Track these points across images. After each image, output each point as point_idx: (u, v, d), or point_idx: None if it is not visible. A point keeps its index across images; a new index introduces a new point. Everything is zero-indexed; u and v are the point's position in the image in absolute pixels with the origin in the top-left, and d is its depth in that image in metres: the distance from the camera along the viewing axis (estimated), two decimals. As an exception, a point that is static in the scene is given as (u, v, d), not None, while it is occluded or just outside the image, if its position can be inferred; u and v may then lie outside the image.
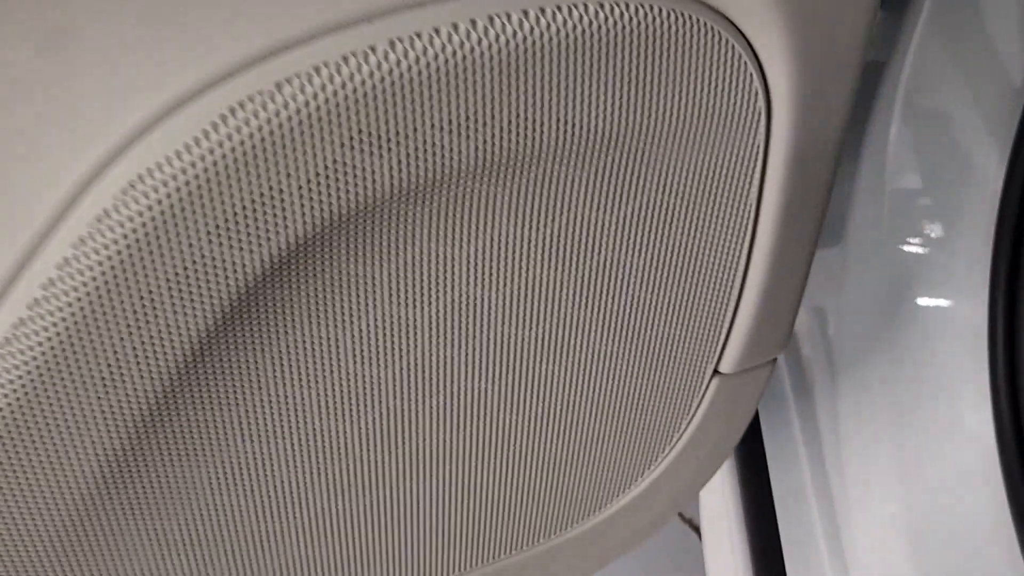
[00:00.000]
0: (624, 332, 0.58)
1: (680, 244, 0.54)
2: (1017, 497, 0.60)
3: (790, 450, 0.86)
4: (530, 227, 0.50)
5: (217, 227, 0.41)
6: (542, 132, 0.45)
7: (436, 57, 0.40)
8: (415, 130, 0.42)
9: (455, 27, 0.40)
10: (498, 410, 0.58)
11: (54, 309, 0.40)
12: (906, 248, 0.72)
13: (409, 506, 0.60)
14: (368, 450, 0.56)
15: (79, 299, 0.40)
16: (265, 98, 0.38)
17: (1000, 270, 0.62)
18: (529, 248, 0.51)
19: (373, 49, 0.39)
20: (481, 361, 0.55)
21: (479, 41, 0.40)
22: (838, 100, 0.51)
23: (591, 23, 0.42)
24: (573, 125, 0.45)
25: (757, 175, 0.52)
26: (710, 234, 0.55)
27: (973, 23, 0.69)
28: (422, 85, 0.40)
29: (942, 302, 0.70)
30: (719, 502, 0.93)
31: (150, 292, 0.42)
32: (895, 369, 0.72)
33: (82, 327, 0.41)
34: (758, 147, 0.51)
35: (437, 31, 0.40)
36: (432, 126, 0.42)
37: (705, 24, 0.45)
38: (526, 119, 0.44)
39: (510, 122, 0.44)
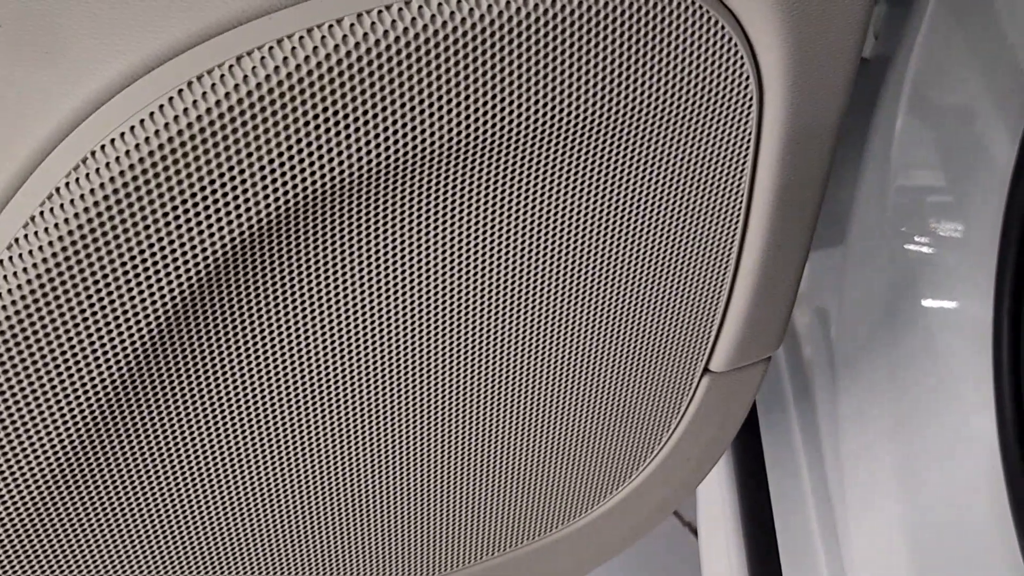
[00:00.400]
0: (608, 327, 0.56)
1: (668, 235, 0.53)
2: (1019, 502, 0.59)
3: (789, 452, 0.86)
4: (509, 213, 0.49)
5: (175, 207, 0.40)
6: (522, 114, 0.44)
7: (406, 31, 0.39)
8: (383, 108, 0.40)
9: (427, 0, 0.39)
10: (480, 407, 0.57)
11: (3, 291, 0.39)
12: (910, 247, 0.72)
13: (393, 504, 0.59)
14: (346, 446, 0.54)
15: (29, 281, 0.39)
16: (224, 71, 0.37)
17: (1006, 270, 0.61)
18: (507, 236, 0.49)
19: (339, 22, 0.38)
20: (461, 356, 0.53)
21: (451, 15, 0.39)
22: (835, 89, 0.50)
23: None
24: (554, 107, 0.44)
25: (749, 164, 0.51)
26: (700, 224, 0.53)
27: (981, 15, 0.69)
28: (391, 61, 0.39)
29: (947, 303, 0.69)
30: (717, 504, 0.93)
31: (104, 276, 0.40)
32: (897, 371, 0.72)
33: (32, 311, 0.40)
34: (749, 134, 0.50)
35: (408, 4, 0.38)
36: (402, 104, 0.41)
37: (693, 3, 0.43)
38: (504, 100, 0.43)
39: (487, 103, 0.42)
